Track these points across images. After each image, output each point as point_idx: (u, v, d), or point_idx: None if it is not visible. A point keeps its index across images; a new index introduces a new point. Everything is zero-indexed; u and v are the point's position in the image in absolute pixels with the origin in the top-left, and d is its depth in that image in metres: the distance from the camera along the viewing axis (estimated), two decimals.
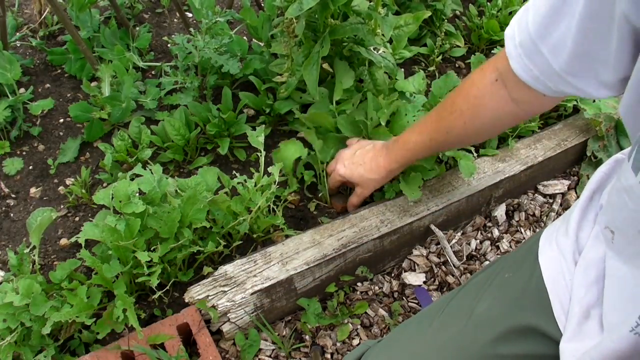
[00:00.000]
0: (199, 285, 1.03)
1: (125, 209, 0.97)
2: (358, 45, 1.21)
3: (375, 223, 1.16)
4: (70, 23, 1.31)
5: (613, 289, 0.56)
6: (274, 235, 1.17)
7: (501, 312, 0.68)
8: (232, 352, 1.07)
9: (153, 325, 0.98)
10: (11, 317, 0.89)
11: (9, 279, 0.96)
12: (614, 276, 0.56)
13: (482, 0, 1.85)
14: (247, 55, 1.44)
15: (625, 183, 0.50)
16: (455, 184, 1.27)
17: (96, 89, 1.32)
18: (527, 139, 1.42)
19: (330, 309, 1.16)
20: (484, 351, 0.68)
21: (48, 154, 1.32)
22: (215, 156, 1.32)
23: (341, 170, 1.13)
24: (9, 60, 1.30)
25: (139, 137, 1.27)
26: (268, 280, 1.04)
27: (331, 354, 1.11)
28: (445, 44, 1.65)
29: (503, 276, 0.73)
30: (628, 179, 0.48)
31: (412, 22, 1.32)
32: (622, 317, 0.52)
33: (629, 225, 0.51)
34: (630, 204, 0.49)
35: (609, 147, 1.45)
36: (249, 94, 1.36)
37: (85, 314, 0.92)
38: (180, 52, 1.33)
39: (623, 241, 0.54)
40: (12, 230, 1.18)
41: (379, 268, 1.25)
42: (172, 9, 1.75)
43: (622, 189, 0.50)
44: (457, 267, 1.27)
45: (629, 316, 0.50)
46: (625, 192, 0.50)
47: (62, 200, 1.23)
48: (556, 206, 1.44)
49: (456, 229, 1.35)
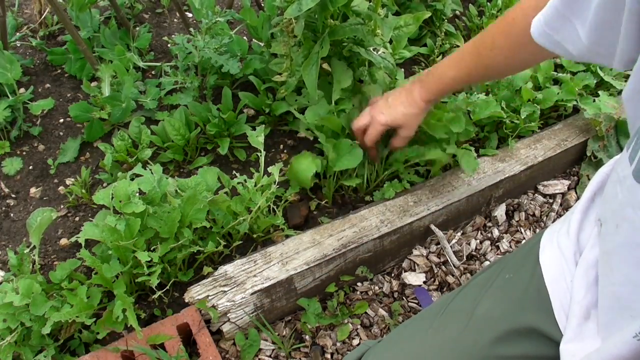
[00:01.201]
0: (199, 285, 1.03)
1: (125, 209, 0.97)
2: (358, 45, 1.21)
3: (375, 223, 1.16)
4: (70, 23, 1.31)
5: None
6: (274, 235, 1.17)
7: (502, 313, 0.68)
8: (232, 352, 1.07)
9: (153, 325, 0.98)
10: (11, 317, 0.89)
11: (9, 279, 0.96)
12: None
13: (482, 0, 1.85)
14: (247, 55, 1.44)
15: (620, 174, 0.50)
16: (455, 184, 1.27)
17: (96, 89, 1.32)
18: (527, 139, 1.42)
19: (330, 309, 1.16)
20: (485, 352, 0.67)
21: (48, 154, 1.32)
22: (215, 156, 1.32)
23: (382, 118, 1.11)
24: (9, 60, 1.30)
25: (139, 137, 1.27)
26: (268, 280, 1.04)
27: (331, 354, 1.11)
28: (445, 44, 1.65)
29: (504, 277, 0.73)
30: (624, 169, 0.48)
31: (412, 23, 1.32)
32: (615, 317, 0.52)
33: (614, 217, 0.51)
34: (620, 195, 0.49)
35: (609, 147, 1.45)
36: (249, 94, 1.35)
37: (85, 314, 0.92)
38: (180, 52, 1.33)
39: (607, 233, 0.54)
40: (12, 230, 1.18)
41: (379, 268, 1.25)
42: (172, 9, 1.75)
43: (617, 180, 0.50)
44: (457, 267, 1.27)
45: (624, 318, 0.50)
46: (619, 183, 0.50)
47: (62, 200, 1.23)
48: (556, 206, 1.44)
49: (456, 229, 1.35)
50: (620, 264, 0.51)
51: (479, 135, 1.40)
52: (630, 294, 0.49)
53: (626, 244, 0.49)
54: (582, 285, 0.61)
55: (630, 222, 0.48)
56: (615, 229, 0.51)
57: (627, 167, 0.47)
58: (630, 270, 0.49)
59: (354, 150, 1.16)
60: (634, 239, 0.48)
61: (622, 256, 0.50)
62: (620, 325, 0.51)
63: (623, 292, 0.51)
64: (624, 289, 0.50)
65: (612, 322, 0.53)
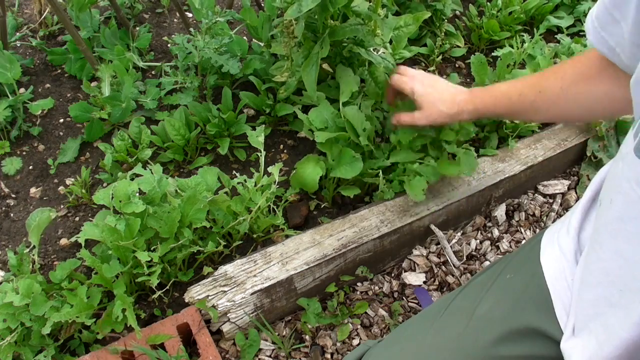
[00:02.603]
0: (199, 285, 1.03)
1: (125, 209, 0.97)
2: (358, 46, 1.21)
3: (375, 223, 1.16)
4: (70, 23, 1.31)
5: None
6: (274, 235, 1.17)
7: (502, 313, 0.68)
8: (232, 352, 1.07)
9: (153, 325, 0.98)
10: (11, 317, 0.89)
11: (9, 279, 0.96)
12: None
13: (482, 0, 1.85)
14: (247, 55, 1.44)
15: (623, 151, 0.50)
16: (455, 184, 1.27)
17: (96, 89, 1.32)
18: (527, 139, 1.42)
19: (330, 309, 1.16)
20: (485, 352, 0.67)
21: (48, 154, 1.32)
22: (215, 156, 1.32)
23: (417, 87, 1.06)
24: (9, 60, 1.30)
25: (139, 137, 1.27)
26: (268, 280, 1.04)
27: (331, 354, 1.11)
28: (445, 44, 1.65)
29: (504, 277, 0.73)
30: (627, 146, 0.49)
31: (412, 23, 1.32)
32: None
33: (609, 193, 0.52)
34: (619, 171, 0.49)
35: (609, 147, 1.45)
36: (249, 94, 1.36)
37: (85, 314, 0.91)
38: (180, 52, 1.33)
39: (601, 210, 0.54)
40: (12, 230, 1.18)
41: (379, 268, 1.25)
42: (172, 9, 1.75)
43: (620, 158, 0.51)
44: (457, 267, 1.27)
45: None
46: (621, 160, 0.50)
47: (62, 200, 1.23)
48: (556, 206, 1.44)
49: (456, 229, 1.35)
50: (610, 239, 0.51)
51: (479, 135, 1.40)
52: (619, 268, 0.49)
53: (618, 218, 0.49)
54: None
55: (624, 194, 0.48)
56: (609, 204, 0.51)
57: (631, 144, 0.47)
58: (620, 244, 0.49)
59: (354, 163, 1.14)
60: (626, 212, 0.48)
61: (613, 230, 0.50)
62: (611, 301, 0.51)
63: (612, 267, 0.51)
64: (613, 264, 0.50)
65: (599, 299, 0.53)
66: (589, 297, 0.55)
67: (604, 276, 0.52)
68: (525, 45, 1.49)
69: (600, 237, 0.53)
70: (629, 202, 0.47)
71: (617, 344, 0.49)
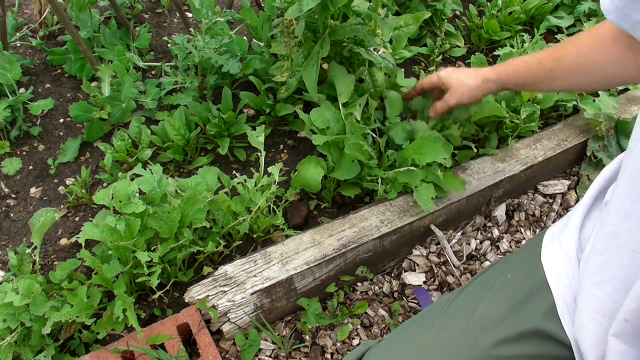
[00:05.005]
0: (199, 285, 1.03)
1: (125, 209, 0.97)
2: (358, 46, 1.21)
3: (375, 223, 1.16)
4: (70, 23, 1.31)
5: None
6: (274, 235, 1.17)
7: (503, 312, 0.68)
8: (232, 352, 1.07)
9: (153, 325, 0.98)
10: (11, 317, 0.89)
11: (9, 279, 0.96)
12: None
13: (482, 0, 1.85)
14: (247, 55, 1.44)
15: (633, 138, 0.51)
16: None
17: (96, 89, 1.32)
18: (527, 139, 1.42)
19: (330, 309, 1.16)
20: (486, 352, 0.67)
21: (48, 154, 1.32)
22: (215, 156, 1.32)
23: (441, 72, 1.15)
24: (9, 60, 1.30)
25: (139, 137, 1.27)
26: (268, 280, 1.04)
27: (331, 354, 1.11)
28: (445, 44, 1.65)
29: (505, 277, 0.73)
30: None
31: (412, 23, 1.32)
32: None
33: (626, 183, 0.52)
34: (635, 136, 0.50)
35: (609, 147, 1.45)
36: (249, 94, 1.36)
37: (85, 314, 0.91)
38: (180, 52, 1.33)
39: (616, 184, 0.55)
40: (12, 230, 1.18)
41: (379, 268, 1.25)
42: (172, 9, 1.75)
43: (629, 150, 0.52)
44: (457, 267, 1.27)
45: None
46: (630, 150, 0.51)
47: (62, 200, 1.23)
48: (556, 206, 1.44)
49: (456, 229, 1.35)
50: (620, 202, 0.52)
51: (479, 135, 1.40)
52: (630, 230, 0.50)
53: (630, 179, 0.50)
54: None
55: (637, 155, 0.49)
56: (624, 169, 0.52)
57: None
58: (630, 205, 0.50)
59: (352, 166, 1.15)
60: (638, 172, 0.49)
61: (623, 193, 0.51)
62: (621, 264, 0.52)
63: (621, 230, 0.52)
64: (623, 226, 0.51)
65: (606, 263, 0.54)
66: (595, 263, 0.56)
67: (612, 240, 0.53)
68: (525, 45, 1.49)
69: (610, 203, 0.54)
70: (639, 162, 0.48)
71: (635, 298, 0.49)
